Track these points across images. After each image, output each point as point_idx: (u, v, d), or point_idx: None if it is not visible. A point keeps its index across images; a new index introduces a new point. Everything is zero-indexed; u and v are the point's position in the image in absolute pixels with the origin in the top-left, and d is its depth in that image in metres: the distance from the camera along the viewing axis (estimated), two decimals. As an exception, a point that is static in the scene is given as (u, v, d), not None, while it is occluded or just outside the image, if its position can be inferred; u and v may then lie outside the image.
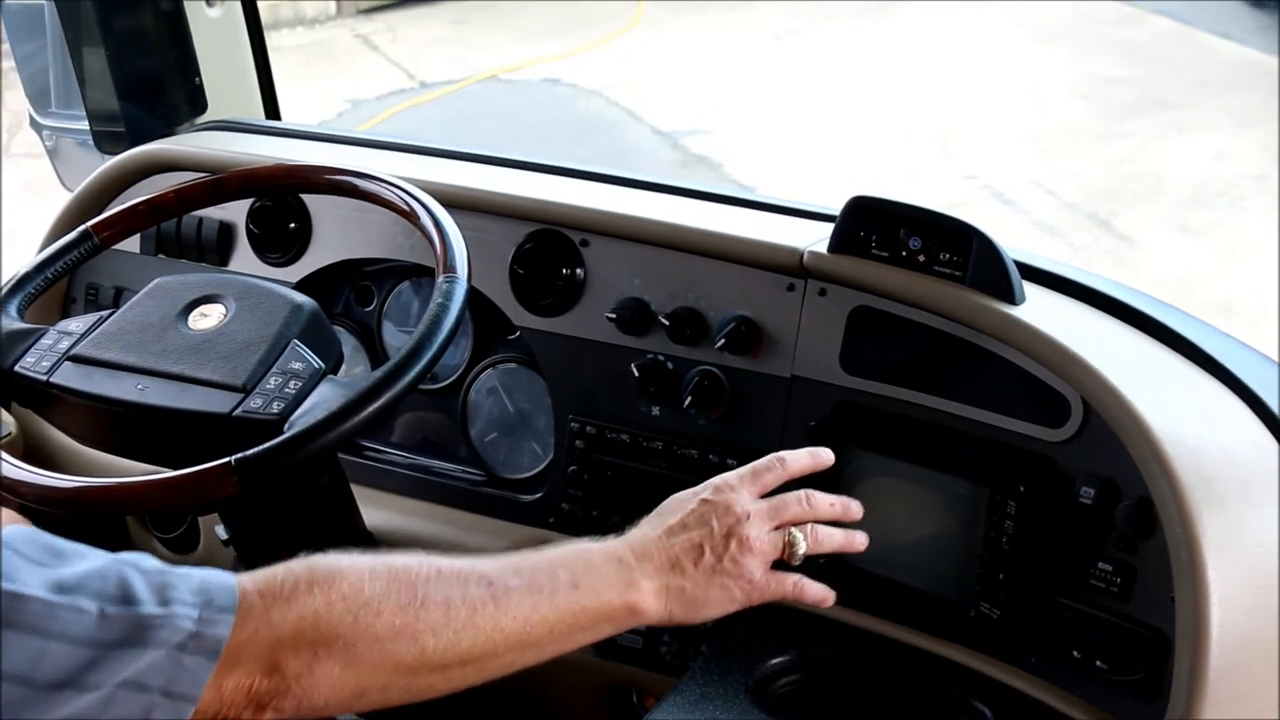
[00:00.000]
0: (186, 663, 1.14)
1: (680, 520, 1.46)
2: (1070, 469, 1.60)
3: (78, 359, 1.70)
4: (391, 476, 2.07)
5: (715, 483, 1.49)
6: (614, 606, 1.38)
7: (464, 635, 1.29)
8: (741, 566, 1.44)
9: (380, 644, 1.25)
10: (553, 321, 1.92)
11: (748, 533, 1.45)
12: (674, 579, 1.42)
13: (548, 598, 1.34)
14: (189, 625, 1.14)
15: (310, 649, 1.22)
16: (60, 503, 1.57)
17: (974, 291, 1.66)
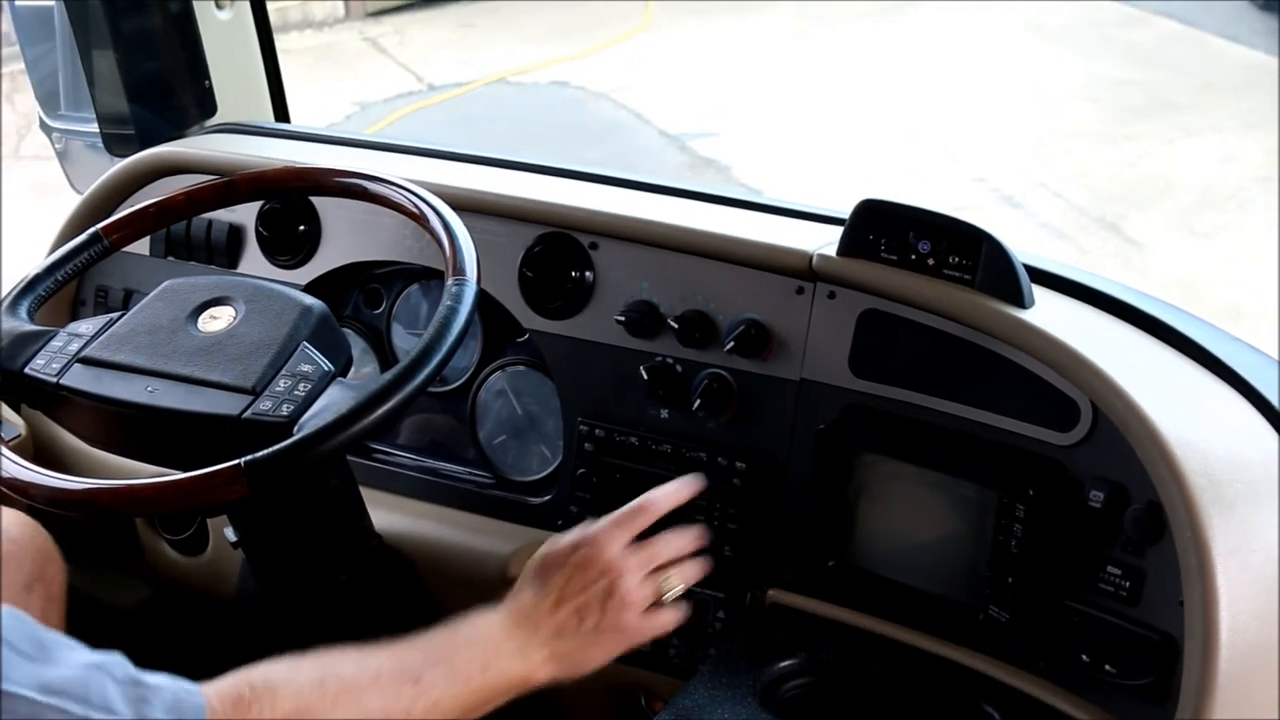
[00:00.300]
0: None
1: (561, 586, 1.55)
2: (1079, 472, 1.60)
3: (88, 361, 1.71)
4: (400, 479, 2.07)
5: (590, 534, 1.57)
6: (513, 680, 1.50)
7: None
8: (621, 622, 1.54)
9: None
10: (561, 324, 1.92)
11: (625, 588, 1.54)
12: (560, 645, 1.53)
13: (463, 684, 1.46)
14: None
15: None
16: (70, 504, 1.57)
17: (983, 295, 1.66)
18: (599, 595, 1.54)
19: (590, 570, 1.55)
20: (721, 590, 1.83)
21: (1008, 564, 1.62)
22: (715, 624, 1.82)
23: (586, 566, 1.55)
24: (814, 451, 1.75)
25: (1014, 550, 1.61)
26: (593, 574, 1.55)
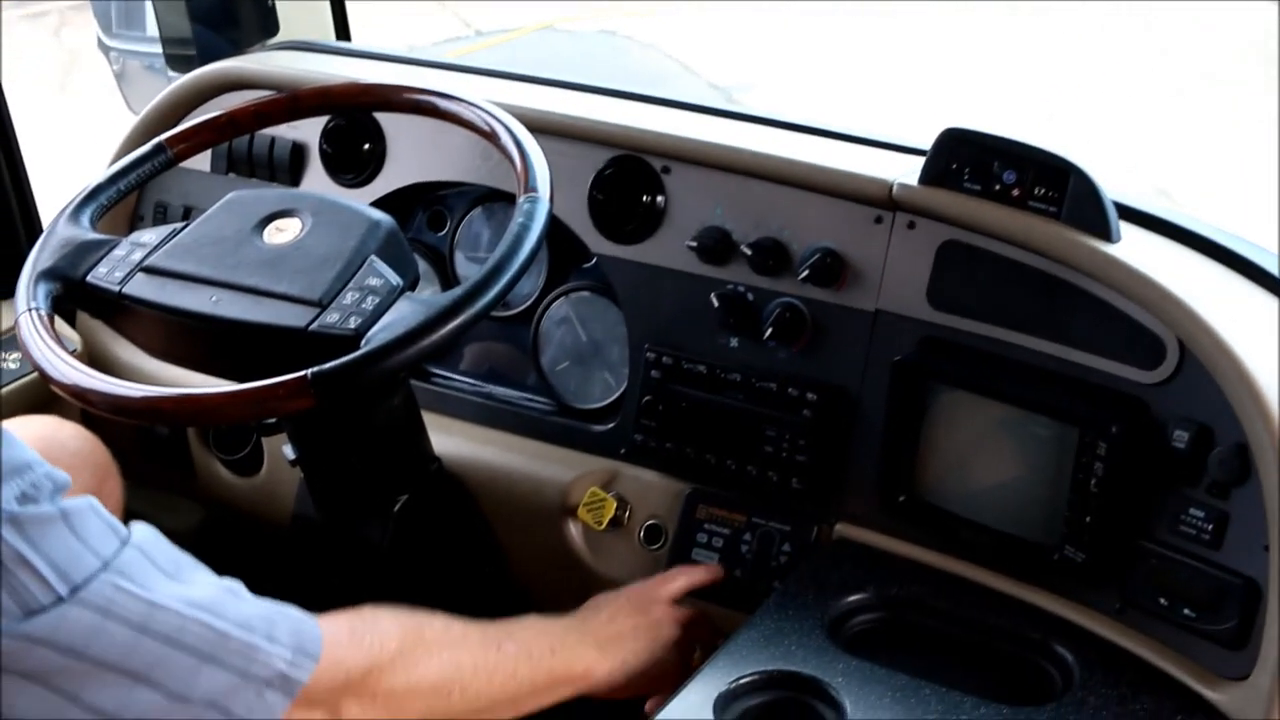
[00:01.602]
0: (268, 698, 1.24)
1: (615, 607, 1.71)
2: (1163, 412, 1.56)
3: (151, 270, 1.68)
4: (460, 403, 2.04)
5: (633, 587, 1.77)
6: (576, 672, 1.62)
7: (480, 695, 1.51)
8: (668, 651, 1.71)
9: (423, 699, 1.45)
10: (631, 249, 1.88)
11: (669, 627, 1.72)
12: (618, 652, 1.66)
13: (536, 663, 1.57)
14: (281, 666, 1.25)
15: (371, 698, 1.39)
16: (133, 412, 1.55)
17: (1069, 228, 1.61)
18: (645, 625, 1.70)
19: (639, 604, 1.72)
20: (788, 524, 1.80)
21: (1086, 503, 1.58)
22: (780, 557, 1.79)
23: (636, 601, 1.72)
24: (888, 384, 1.71)
25: (1093, 490, 1.57)
26: (641, 607, 1.72)
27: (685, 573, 1.79)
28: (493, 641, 1.54)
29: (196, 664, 1.18)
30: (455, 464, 1.96)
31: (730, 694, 1.52)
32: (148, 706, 1.16)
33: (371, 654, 1.39)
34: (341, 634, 1.37)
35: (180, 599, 1.18)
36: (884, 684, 1.52)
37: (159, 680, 1.16)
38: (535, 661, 1.57)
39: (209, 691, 1.19)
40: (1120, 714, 1.50)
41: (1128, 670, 1.57)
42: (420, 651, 1.45)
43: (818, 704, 1.52)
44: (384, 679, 1.40)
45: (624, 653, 1.66)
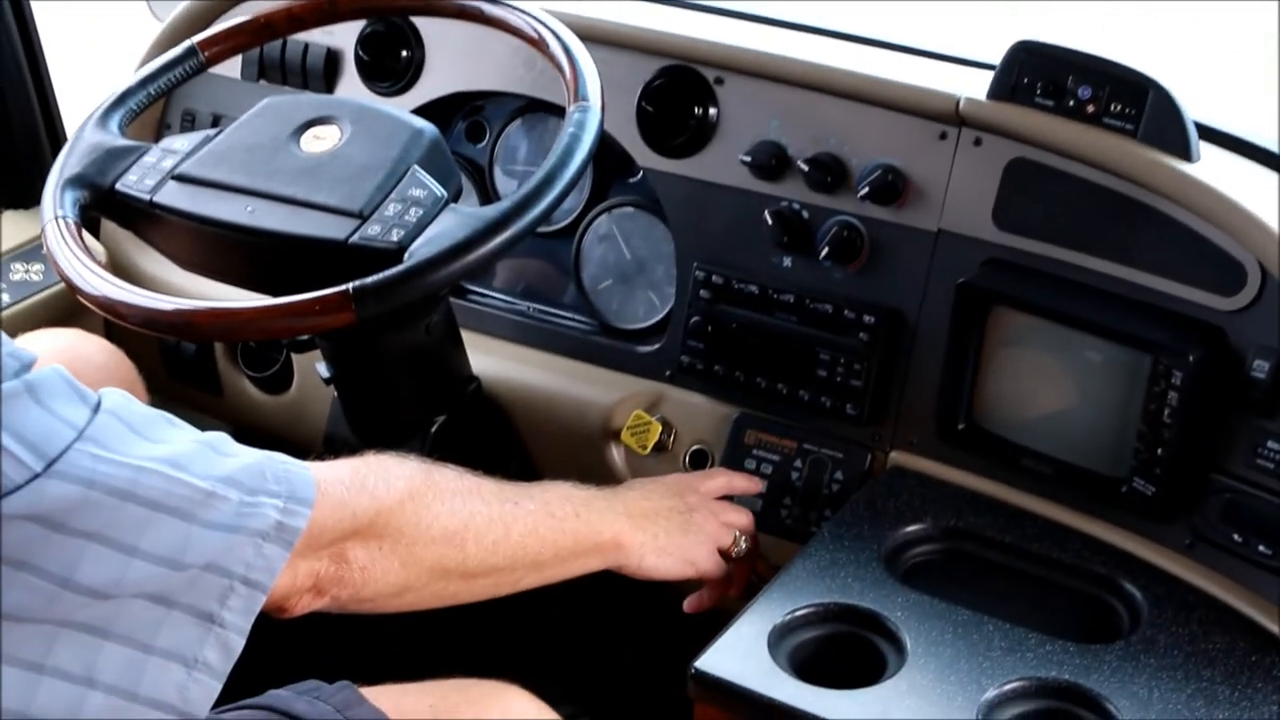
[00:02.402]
0: (267, 551, 1.17)
1: (651, 488, 1.64)
2: (1242, 341, 1.49)
3: (183, 178, 1.61)
4: (497, 321, 1.97)
5: (672, 475, 1.70)
6: (605, 539, 1.53)
7: (498, 548, 1.43)
8: (702, 534, 1.60)
9: (435, 546, 1.37)
10: (680, 164, 1.80)
11: (705, 514, 1.62)
12: (649, 526, 1.57)
13: (558, 522, 1.49)
14: (274, 515, 1.17)
15: (377, 542, 1.32)
16: (165, 326, 1.49)
17: (1146, 147, 1.54)
18: (685, 506, 1.62)
19: (678, 489, 1.64)
20: (840, 451, 1.73)
21: (1158, 434, 1.52)
22: (832, 486, 1.73)
23: (674, 486, 1.65)
24: (949, 307, 1.63)
25: (1166, 420, 1.51)
26: (680, 491, 1.64)
27: (725, 474, 1.72)
28: (510, 496, 1.47)
29: (186, 527, 1.11)
30: (493, 384, 1.90)
31: (785, 626, 1.46)
32: (142, 578, 1.09)
33: (377, 497, 1.32)
34: (343, 478, 1.30)
35: (160, 460, 1.10)
36: (944, 619, 1.47)
37: (149, 549, 1.09)
38: (559, 521, 1.49)
39: (203, 554, 1.12)
40: (1192, 653, 1.44)
41: (1198, 608, 1.51)
42: (431, 495, 1.38)
43: (876, 639, 1.47)
44: (392, 522, 1.33)
45: (656, 528, 1.57)
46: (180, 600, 1.12)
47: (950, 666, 1.41)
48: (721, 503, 1.66)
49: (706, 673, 1.41)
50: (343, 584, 1.31)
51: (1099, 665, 1.42)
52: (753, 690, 1.38)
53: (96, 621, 1.09)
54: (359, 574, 1.31)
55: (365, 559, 1.31)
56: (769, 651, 1.42)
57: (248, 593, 1.16)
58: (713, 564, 1.62)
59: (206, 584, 1.13)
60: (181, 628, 1.13)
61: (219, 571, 1.13)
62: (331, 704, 1.41)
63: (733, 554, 1.64)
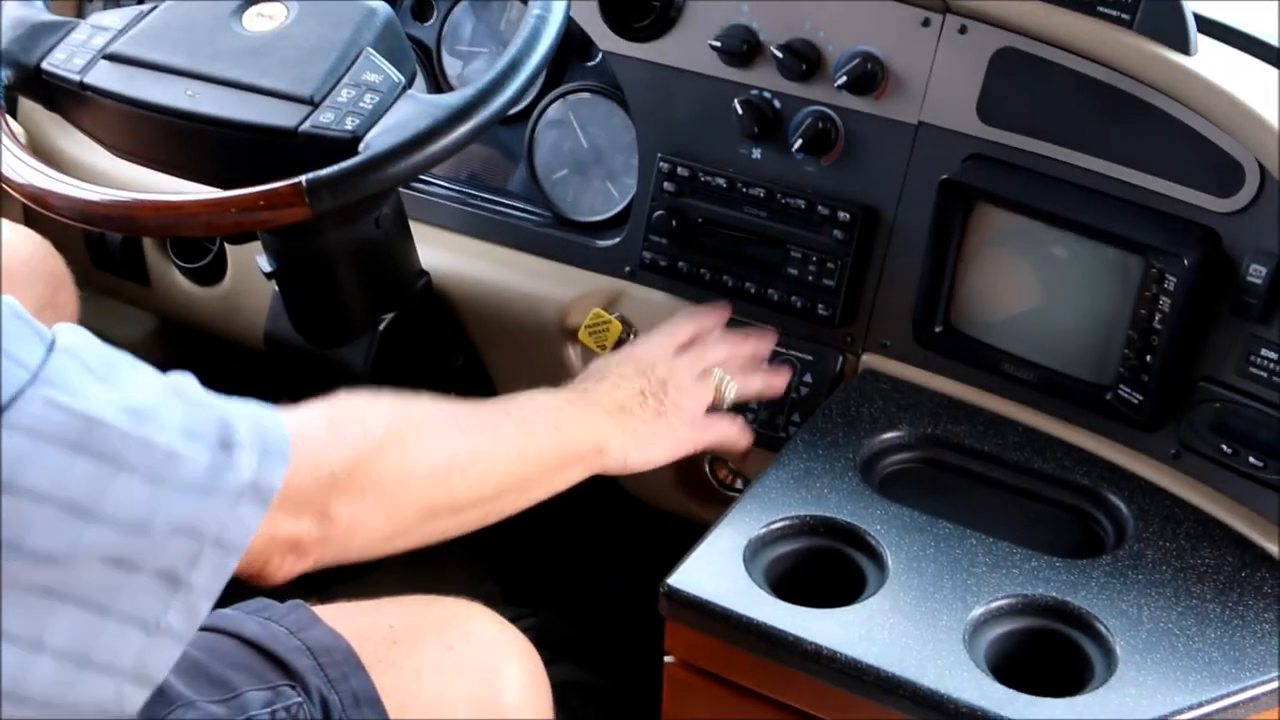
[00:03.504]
0: (241, 511, 1.07)
1: (617, 374, 1.51)
2: (1238, 244, 1.43)
3: (116, 58, 1.50)
4: (445, 212, 1.87)
5: (636, 345, 1.59)
6: (587, 448, 1.44)
7: (484, 479, 1.34)
8: (682, 409, 1.51)
9: (420, 489, 1.28)
10: (644, 48, 1.70)
11: (680, 380, 1.53)
12: (626, 421, 1.48)
13: (539, 440, 1.40)
14: (248, 474, 1.07)
15: (360, 495, 1.22)
16: (102, 220, 1.39)
17: (1142, 38, 1.46)
18: (655, 386, 1.51)
19: (644, 362, 1.53)
20: (810, 353, 1.66)
21: (1147, 341, 1.46)
22: (801, 389, 1.66)
23: (639, 359, 1.54)
24: (929, 204, 1.56)
25: (1157, 326, 1.45)
26: (647, 363, 1.53)
27: (691, 318, 1.62)
28: (489, 422, 1.38)
29: (151, 489, 1.00)
30: (443, 280, 1.81)
31: (760, 540, 1.40)
32: (102, 543, 0.98)
33: (355, 445, 1.21)
34: (318, 427, 1.20)
35: (119, 409, 0.99)
36: (925, 533, 1.41)
37: (111, 512, 0.98)
38: (540, 439, 1.40)
39: (171, 517, 1.01)
40: (1181, 569, 1.40)
41: (1185, 521, 1.46)
42: (410, 435, 1.28)
43: (855, 553, 1.41)
44: (374, 470, 1.23)
45: (634, 422, 1.48)
46: (144, 564, 1.01)
47: (934, 584, 1.35)
48: (691, 354, 1.57)
49: (679, 590, 1.34)
50: (326, 543, 1.20)
51: (1086, 581, 1.37)
52: (729, 609, 1.32)
53: (49, 584, 0.98)
54: (344, 532, 1.21)
55: (349, 515, 1.21)
56: (745, 567, 1.36)
57: (219, 556, 1.05)
58: (704, 433, 1.54)
59: (174, 547, 1.02)
60: (144, 592, 1.02)
61: (187, 534, 1.03)
62: (284, 625, 1.33)
63: (723, 402, 1.56)
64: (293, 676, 1.29)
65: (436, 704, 1.34)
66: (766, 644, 1.30)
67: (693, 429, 1.53)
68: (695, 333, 1.60)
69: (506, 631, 1.42)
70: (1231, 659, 1.30)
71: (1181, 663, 1.29)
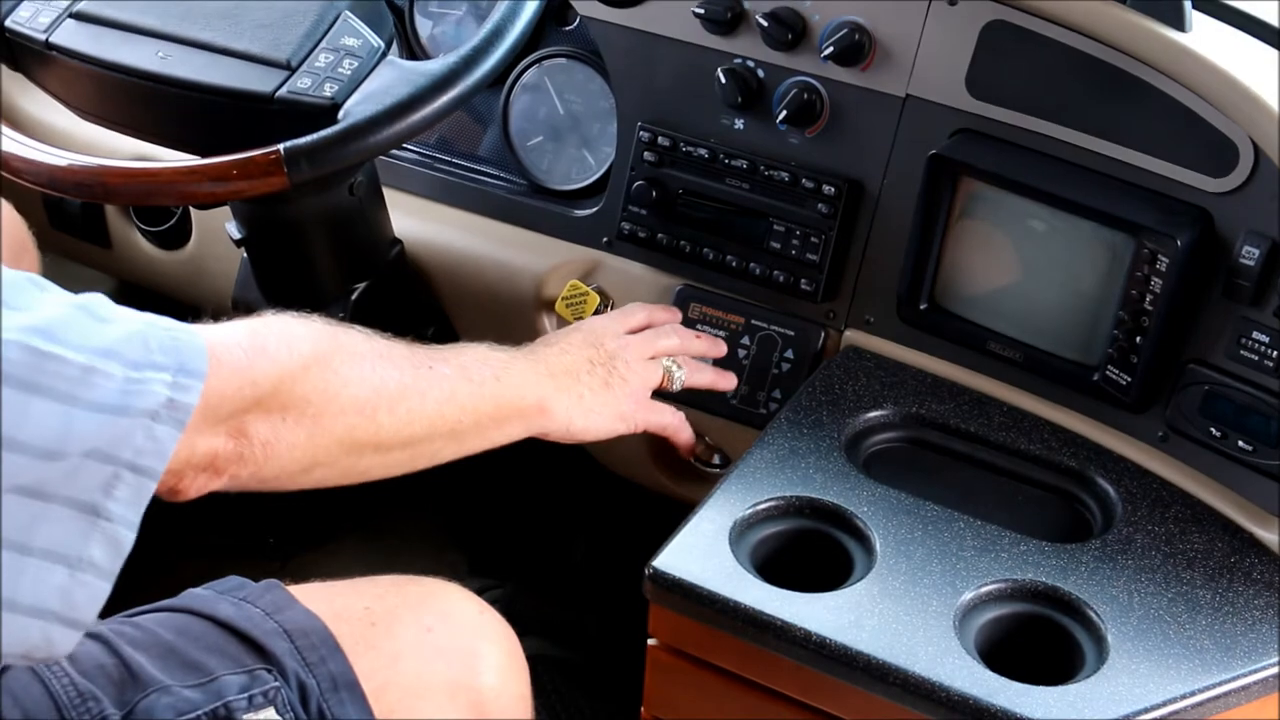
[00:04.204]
0: (157, 432, 1.03)
1: (566, 341, 1.50)
2: (1231, 225, 1.41)
3: (83, 16, 1.46)
4: (419, 179, 1.82)
5: (587, 321, 1.57)
6: (528, 404, 1.41)
7: (413, 416, 1.30)
8: (629, 384, 1.49)
9: (344, 417, 1.24)
10: (624, 13, 1.66)
11: (629, 357, 1.51)
12: (573, 385, 1.45)
13: (476, 387, 1.36)
14: (163, 391, 1.03)
15: (280, 414, 1.18)
16: (72, 186, 1.35)
17: (1135, 13, 1.43)
18: (606, 354, 1.50)
19: (593, 335, 1.52)
20: (791, 329, 1.64)
21: (1138, 322, 1.44)
22: (782, 365, 1.63)
23: (589, 332, 1.52)
24: (915, 178, 1.53)
25: (1147, 307, 1.43)
26: (596, 338, 1.51)
27: (643, 308, 1.61)
28: (424, 360, 1.33)
29: (62, 409, 0.96)
30: (416, 248, 1.77)
31: (746, 521, 1.38)
32: (11, 473, 0.95)
33: (278, 361, 1.17)
34: (239, 340, 1.15)
35: (28, 330, 0.96)
36: (912, 515, 1.39)
37: (21, 439, 0.95)
38: (477, 386, 1.36)
39: (83, 440, 0.98)
40: (1170, 554, 1.38)
41: (1174, 505, 1.45)
42: (338, 360, 1.23)
43: (842, 536, 1.38)
44: (296, 390, 1.19)
45: (580, 387, 1.46)
46: (58, 493, 0.98)
47: (922, 568, 1.33)
48: (643, 337, 1.55)
49: (664, 572, 1.32)
50: (243, 461, 1.16)
51: (1076, 566, 1.35)
52: (716, 592, 1.30)
53: None
54: (260, 449, 1.17)
55: (267, 433, 1.17)
56: (730, 549, 1.34)
57: (136, 480, 1.02)
58: (648, 413, 1.53)
59: (88, 473, 0.99)
60: (61, 523, 0.99)
61: (101, 458, 1.00)
62: (260, 606, 1.30)
63: (671, 386, 1.55)
64: (269, 660, 1.26)
65: (415, 687, 1.31)
66: (754, 629, 1.28)
67: (637, 406, 1.51)
68: (648, 321, 1.59)
69: (485, 613, 1.39)
70: (1223, 647, 1.29)
71: (1173, 650, 1.28)
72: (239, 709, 1.23)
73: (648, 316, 1.59)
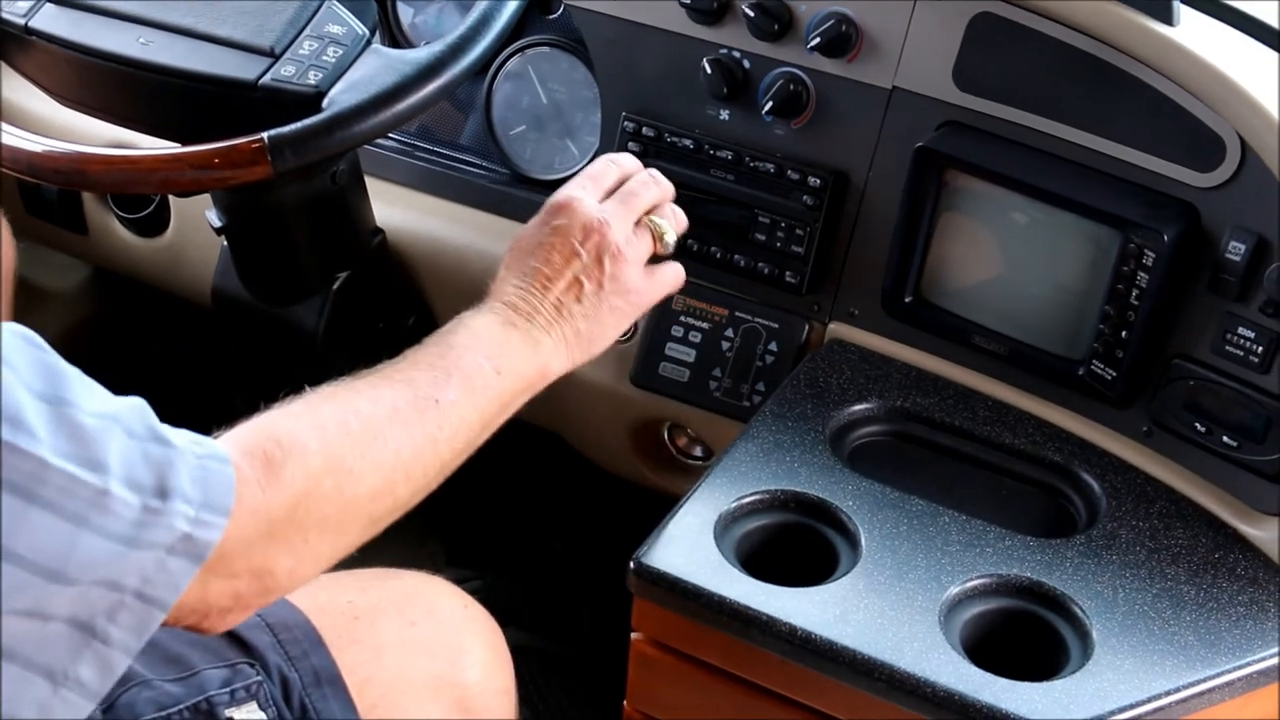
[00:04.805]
0: (170, 565, 0.97)
1: (545, 261, 1.34)
2: (1217, 220, 1.40)
3: (63, 1, 1.44)
4: (400, 167, 1.81)
5: (557, 201, 1.38)
6: (530, 378, 1.31)
7: (429, 470, 1.21)
8: (622, 282, 1.36)
9: (364, 510, 1.16)
10: (610, 3, 1.65)
11: (615, 242, 1.35)
12: (567, 325, 1.33)
13: (482, 395, 1.26)
14: (183, 526, 0.97)
15: (301, 537, 1.10)
16: (51, 174, 1.33)
17: (1123, 6, 1.42)
18: (590, 257, 1.34)
19: (571, 234, 1.35)
20: (775, 321, 1.63)
21: (1123, 316, 1.43)
22: (766, 358, 1.62)
23: (565, 232, 1.35)
24: (901, 170, 1.52)
25: (1133, 302, 1.42)
26: (575, 235, 1.35)
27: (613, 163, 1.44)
28: (429, 392, 1.22)
29: (71, 531, 0.91)
30: (398, 237, 1.76)
31: (730, 515, 1.37)
32: (16, 587, 0.90)
33: (293, 487, 1.08)
34: (256, 470, 1.06)
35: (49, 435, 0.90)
36: (898, 509, 1.39)
37: (23, 553, 0.89)
38: (482, 394, 1.26)
39: (92, 567, 0.93)
40: (1154, 549, 1.38)
41: (1158, 500, 1.45)
42: (352, 454, 1.14)
43: (827, 530, 1.38)
44: (313, 508, 1.10)
45: (573, 322, 1.33)
46: (59, 613, 0.93)
47: (907, 562, 1.33)
48: (623, 204, 1.39)
49: (649, 566, 1.31)
50: (269, 593, 1.10)
51: (1060, 561, 1.35)
52: (700, 586, 1.29)
53: None
54: (287, 580, 1.10)
55: (291, 562, 1.10)
56: (715, 543, 1.33)
57: (143, 609, 0.97)
58: (650, 293, 1.40)
59: (92, 598, 0.94)
60: (55, 640, 0.94)
61: (109, 585, 0.94)
62: None
63: (664, 250, 1.41)
64: (251, 654, 1.25)
65: (398, 682, 1.30)
66: (739, 623, 1.27)
67: (638, 297, 1.39)
68: (620, 177, 1.43)
69: (470, 608, 1.38)
70: (1207, 643, 1.29)
71: (1158, 646, 1.28)
72: (221, 703, 1.21)
73: (620, 172, 1.43)
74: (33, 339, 0.94)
